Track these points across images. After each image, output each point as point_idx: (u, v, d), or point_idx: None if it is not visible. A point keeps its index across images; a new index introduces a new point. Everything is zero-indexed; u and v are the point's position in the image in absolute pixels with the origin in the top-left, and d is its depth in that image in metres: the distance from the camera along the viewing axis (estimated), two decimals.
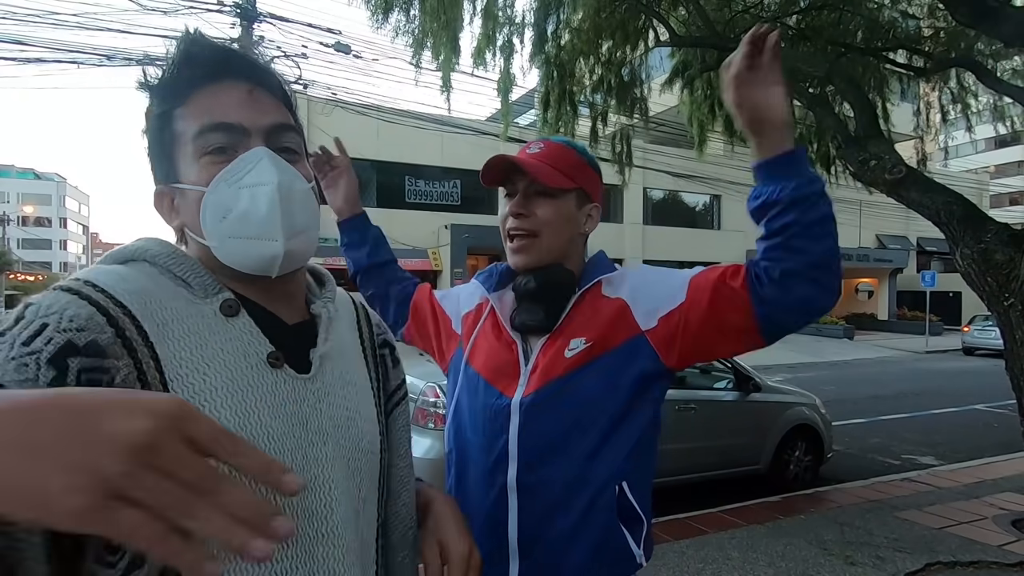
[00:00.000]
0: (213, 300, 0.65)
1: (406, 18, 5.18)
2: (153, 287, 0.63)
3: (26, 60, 8.65)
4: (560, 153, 1.10)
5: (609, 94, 6.05)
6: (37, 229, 69.08)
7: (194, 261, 0.68)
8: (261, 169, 0.66)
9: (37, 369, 0.50)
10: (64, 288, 0.58)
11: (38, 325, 0.53)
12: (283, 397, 0.66)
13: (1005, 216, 12.52)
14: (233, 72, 0.69)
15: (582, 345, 1.05)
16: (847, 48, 5.23)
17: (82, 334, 0.54)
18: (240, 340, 0.65)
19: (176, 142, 0.68)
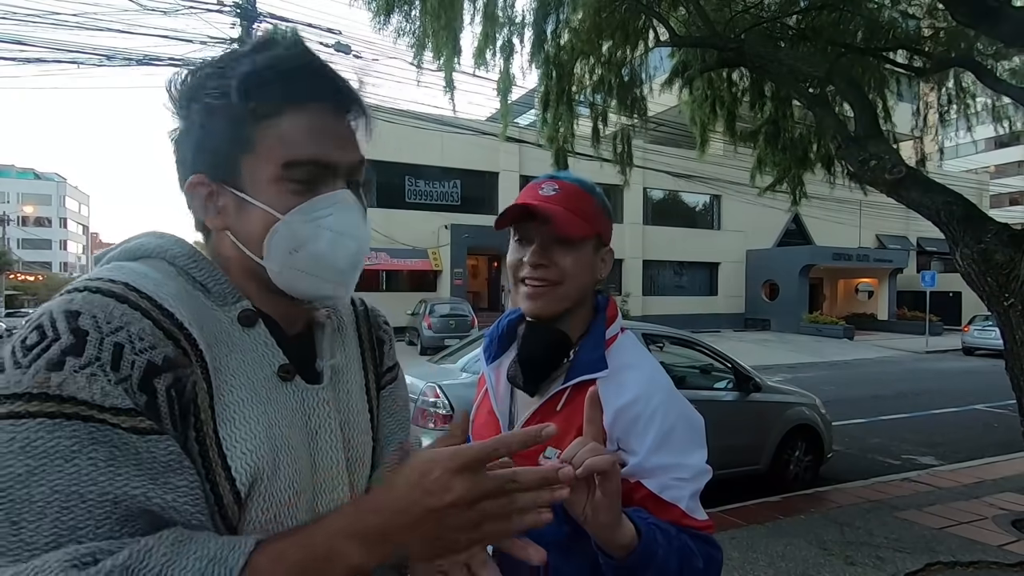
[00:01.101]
0: (231, 308, 0.65)
1: (407, 19, 5.19)
2: (180, 291, 0.62)
3: (26, 60, 8.65)
4: (577, 196, 1.04)
5: (609, 94, 6.05)
6: (37, 229, 69.10)
7: (214, 266, 0.67)
8: (347, 218, 0.66)
9: (133, 396, 0.53)
10: (109, 294, 0.56)
11: (112, 346, 0.53)
12: (295, 408, 0.66)
13: (1005, 216, 12.54)
14: (333, 96, 0.67)
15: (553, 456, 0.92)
16: (847, 48, 5.23)
17: (156, 352, 0.55)
18: (255, 351, 0.65)
19: (249, 149, 0.64)
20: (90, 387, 0.51)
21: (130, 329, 0.54)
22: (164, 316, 0.57)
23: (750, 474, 4.99)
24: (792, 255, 23.49)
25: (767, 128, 6.41)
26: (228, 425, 0.59)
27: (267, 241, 0.64)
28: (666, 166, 19.00)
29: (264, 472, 0.60)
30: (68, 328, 0.52)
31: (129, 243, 0.66)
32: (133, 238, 0.68)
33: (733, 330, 23.46)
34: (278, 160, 0.63)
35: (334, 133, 0.67)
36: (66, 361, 0.51)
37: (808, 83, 5.11)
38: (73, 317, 0.53)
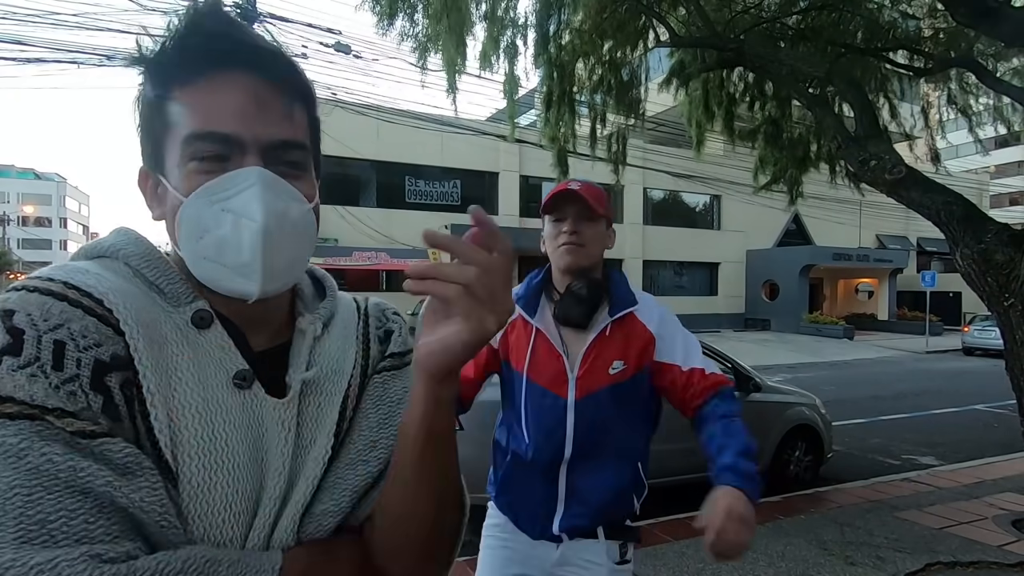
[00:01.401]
0: (185, 309, 0.60)
1: (411, 23, 5.19)
2: (129, 288, 0.58)
3: (26, 60, 8.65)
4: (595, 190, 1.51)
5: (609, 94, 6.05)
6: (37, 229, 69.10)
7: (169, 265, 0.62)
8: (250, 198, 0.58)
9: (86, 397, 0.50)
10: (44, 291, 0.52)
11: (51, 343, 0.50)
12: (247, 422, 0.59)
13: (1005, 216, 12.54)
14: (244, 60, 0.60)
15: (621, 366, 1.46)
16: (847, 48, 5.23)
17: (102, 349, 0.52)
18: (210, 355, 0.59)
19: (166, 131, 0.60)
20: (30, 387, 0.48)
21: (71, 326, 0.51)
22: (107, 312, 0.53)
23: None
24: (792, 255, 23.48)
25: (767, 128, 6.41)
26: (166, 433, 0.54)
27: (176, 227, 0.59)
28: (666, 166, 19.00)
29: (188, 486, 0.54)
30: (3, 327, 0.49)
31: (89, 243, 0.63)
32: (99, 238, 0.65)
33: (733, 330, 23.46)
34: (181, 136, 0.58)
35: (243, 103, 0.59)
36: (2, 360, 0.48)
37: (808, 83, 5.11)
38: (7, 316, 0.50)
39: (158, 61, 0.59)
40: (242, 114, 0.59)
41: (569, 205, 1.49)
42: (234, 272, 0.59)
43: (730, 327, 23.88)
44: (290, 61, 0.63)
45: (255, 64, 0.60)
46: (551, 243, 1.54)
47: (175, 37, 0.58)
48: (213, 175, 0.58)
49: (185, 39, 0.58)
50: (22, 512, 0.45)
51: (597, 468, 1.47)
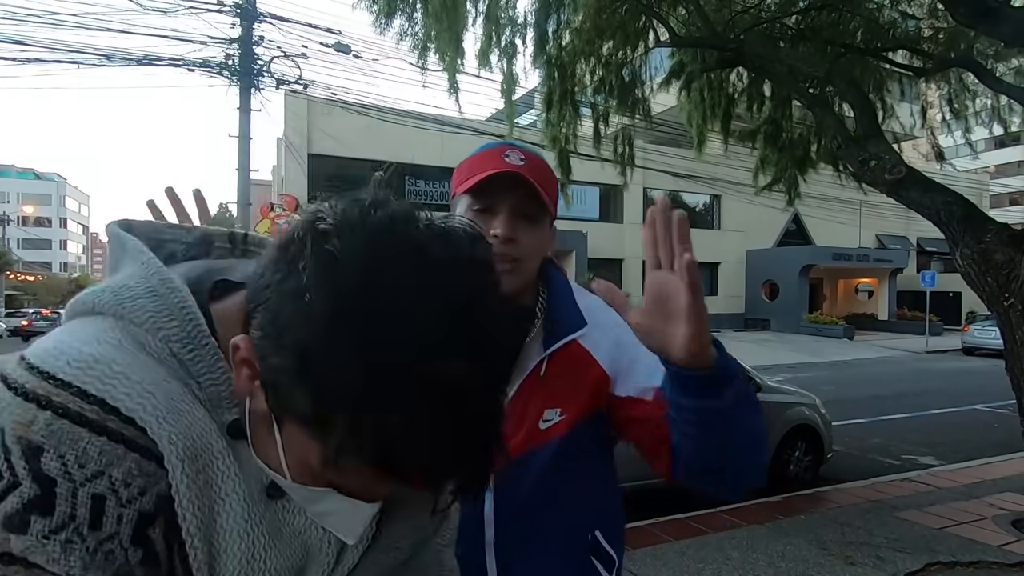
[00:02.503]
0: (221, 413, 0.51)
1: (409, 22, 5.19)
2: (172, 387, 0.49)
3: (26, 60, 8.66)
4: (543, 170, 1.02)
5: (610, 95, 6.05)
6: (37, 229, 69.13)
7: (216, 358, 0.51)
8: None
9: (125, 554, 0.44)
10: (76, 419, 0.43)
11: (88, 499, 0.42)
12: (284, 528, 0.55)
13: (1005, 216, 12.53)
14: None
15: (556, 417, 1.00)
16: (847, 48, 5.23)
17: (147, 498, 0.45)
18: (246, 467, 0.52)
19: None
20: (66, 559, 0.41)
21: (111, 474, 0.43)
22: (151, 442, 0.45)
23: None
24: (792, 255, 23.49)
25: (767, 128, 6.41)
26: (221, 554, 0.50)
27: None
28: (666, 166, 19.00)
29: None
30: (28, 470, 0.41)
31: (120, 288, 0.52)
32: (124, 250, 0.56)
33: (733, 330, 23.46)
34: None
35: None
36: (31, 522, 0.40)
37: (808, 83, 5.12)
38: (34, 455, 0.41)
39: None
40: None
41: (506, 192, 0.97)
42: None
43: (730, 327, 23.88)
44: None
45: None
46: None
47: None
48: None
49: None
50: None
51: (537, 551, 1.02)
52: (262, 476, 0.53)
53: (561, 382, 1.00)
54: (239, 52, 10.19)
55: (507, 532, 1.00)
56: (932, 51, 5.47)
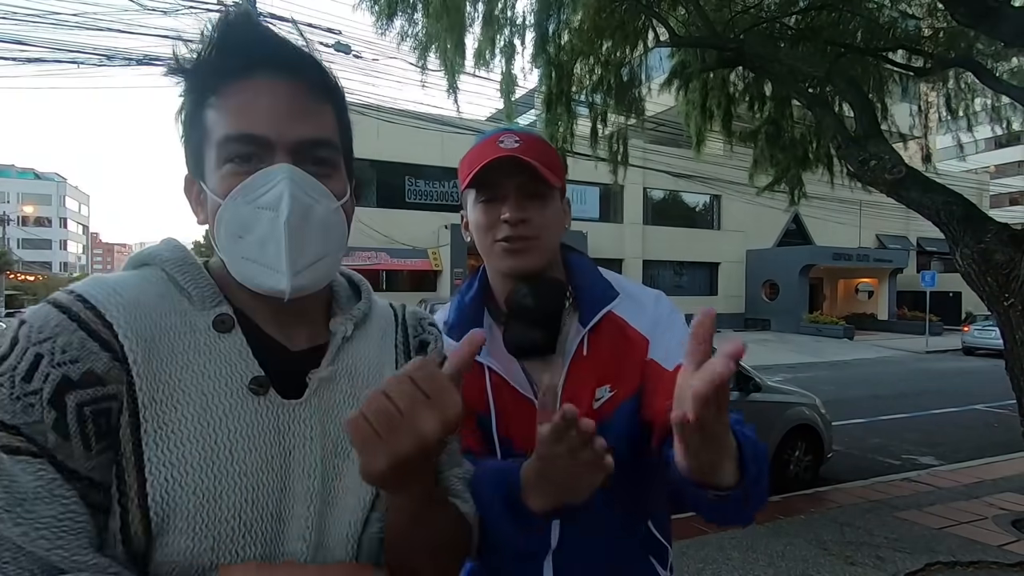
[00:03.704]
0: (208, 312, 0.62)
1: (410, 23, 5.19)
2: (151, 297, 0.60)
3: (26, 60, 8.65)
4: (543, 147, 1.02)
5: (608, 94, 6.05)
6: (37, 229, 69.13)
7: (199, 269, 0.65)
8: (277, 193, 0.60)
9: (41, 411, 0.52)
10: (55, 304, 0.56)
11: (32, 356, 0.52)
12: (264, 427, 0.60)
13: (1005, 216, 12.53)
14: (271, 65, 0.62)
15: (607, 394, 0.99)
16: (847, 48, 5.23)
17: (76, 366, 0.53)
18: (227, 361, 0.61)
19: (204, 138, 0.63)
20: None
21: (56, 340, 0.53)
22: (104, 327, 0.56)
23: None
24: (792, 255, 23.49)
25: (767, 128, 6.41)
26: (159, 447, 0.55)
27: (215, 229, 0.62)
28: (666, 166, 18.99)
29: (190, 499, 0.55)
30: (11, 337, 0.53)
31: (137, 252, 0.67)
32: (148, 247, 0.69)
33: (733, 330, 23.45)
34: (216, 140, 0.61)
35: (272, 105, 0.61)
36: None
37: (808, 83, 5.11)
38: (19, 326, 0.54)
39: (195, 70, 0.62)
40: (271, 116, 0.61)
41: (509, 177, 0.98)
42: (267, 268, 0.61)
43: (730, 327, 23.87)
44: (317, 63, 0.65)
45: (283, 67, 0.62)
46: (483, 236, 1.02)
47: (209, 46, 0.61)
48: (245, 176, 0.60)
49: (218, 47, 0.61)
50: None
51: (595, 547, 0.98)
52: (247, 373, 0.61)
53: (606, 356, 1.00)
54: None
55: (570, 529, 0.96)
56: (932, 51, 5.47)
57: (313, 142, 0.63)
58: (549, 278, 1.03)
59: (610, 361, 1.01)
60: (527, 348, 1.01)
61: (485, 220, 1.01)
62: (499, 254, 1.01)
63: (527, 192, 0.99)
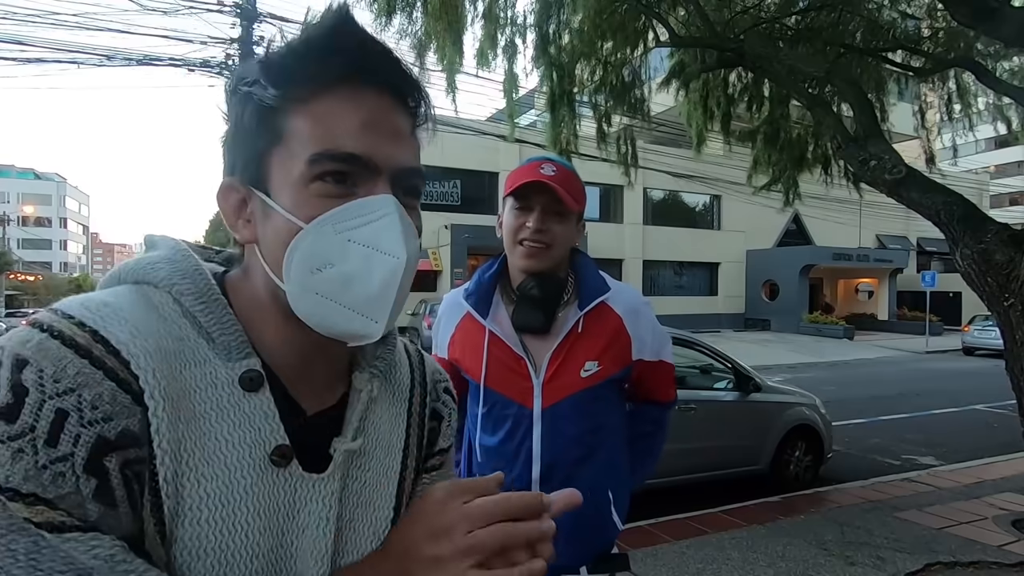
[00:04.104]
0: (234, 365, 0.52)
1: (409, 21, 5.19)
2: (170, 342, 0.50)
3: (26, 60, 8.66)
4: (571, 179, 1.31)
5: (610, 95, 6.05)
6: (37, 229, 69.14)
7: (223, 307, 0.54)
8: (386, 229, 0.52)
9: (76, 480, 0.43)
10: (66, 340, 0.45)
11: (53, 413, 0.43)
12: (279, 502, 0.53)
13: (1005, 216, 12.54)
14: (379, 77, 0.54)
15: (595, 368, 1.31)
16: (846, 48, 5.23)
17: (111, 424, 0.45)
18: (251, 425, 0.52)
19: (279, 145, 0.53)
20: (11, 466, 0.41)
21: (82, 393, 0.44)
22: (132, 377, 0.46)
23: (750, 474, 4.99)
24: (792, 255, 23.49)
25: (766, 128, 6.41)
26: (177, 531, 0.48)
27: (286, 256, 0.52)
28: (666, 166, 18.99)
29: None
30: (9, 381, 0.43)
31: (143, 257, 0.56)
32: (156, 244, 0.58)
33: (733, 330, 23.46)
34: (305, 154, 0.51)
35: (380, 124, 0.53)
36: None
37: (808, 83, 5.11)
38: (19, 367, 0.43)
39: (284, 65, 0.52)
40: (378, 133, 0.53)
41: (537, 195, 1.29)
42: (355, 312, 0.52)
43: (730, 327, 23.88)
44: (420, 83, 0.57)
45: (390, 82, 0.55)
46: (511, 235, 1.33)
47: (305, 40, 0.52)
48: (338, 201, 0.52)
49: (317, 43, 0.52)
50: None
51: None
52: (270, 440, 0.52)
53: (597, 337, 1.33)
54: (239, 52, 10.20)
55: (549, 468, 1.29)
56: (932, 51, 5.47)
57: (413, 171, 0.56)
58: (553, 276, 1.34)
59: (600, 342, 1.32)
60: (529, 326, 1.32)
61: (514, 223, 1.32)
62: (520, 253, 1.32)
63: (550, 210, 1.29)
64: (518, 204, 1.31)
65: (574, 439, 1.30)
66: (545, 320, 1.31)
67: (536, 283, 1.31)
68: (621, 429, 1.40)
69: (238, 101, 0.54)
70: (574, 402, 1.30)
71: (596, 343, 1.32)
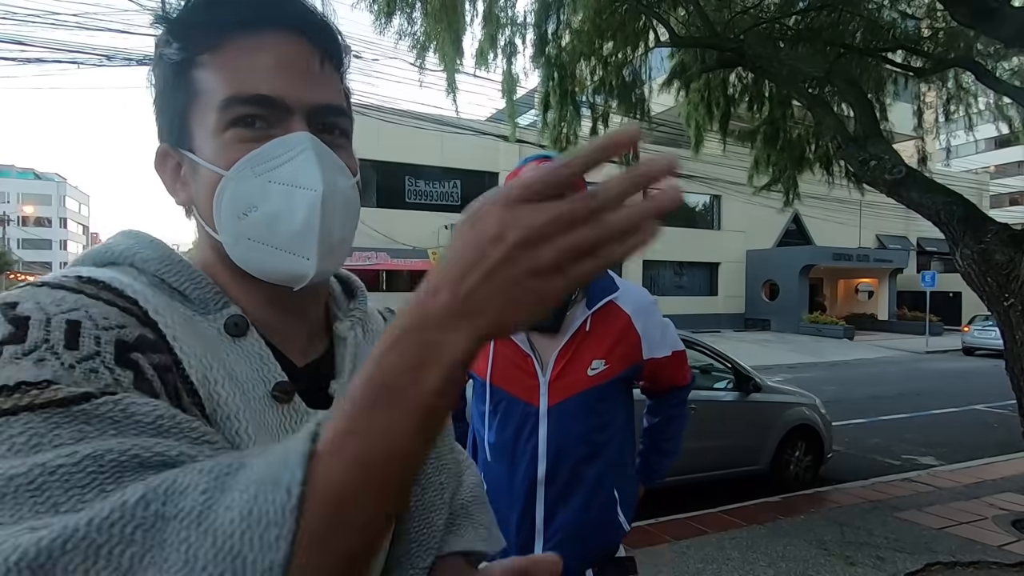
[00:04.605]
0: (216, 316, 0.52)
1: (409, 22, 5.19)
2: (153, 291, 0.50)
3: (26, 60, 8.65)
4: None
5: (610, 95, 6.05)
6: (37, 229, 69.13)
7: (192, 268, 0.54)
8: (303, 165, 0.51)
9: (111, 374, 0.40)
10: (54, 285, 0.44)
11: (63, 324, 0.41)
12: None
13: (1005, 216, 12.55)
14: (283, 19, 0.53)
15: (602, 367, 1.31)
16: (846, 48, 5.23)
17: (126, 330, 0.43)
18: (248, 365, 0.51)
19: (195, 100, 0.53)
20: (37, 370, 0.38)
21: (89, 310, 0.42)
22: (131, 304, 0.45)
23: (750, 474, 4.99)
24: (792, 255, 23.48)
25: (765, 128, 6.42)
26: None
27: (214, 206, 0.52)
28: None
29: None
30: (3, 318, 0.40)
31: (94, 248, 0.54)
32: (104, 243, 0.56)
33: (733, 330, 23.45)
34: (216, 102, 0.51)
35: (288, 65, 0.52)
36: (2, 351, 0.39)
37: (808, 83, 5.12)
38: (9, 307, 0.41)
39: (186, 19, 0.52)
40: (286, 72, 0.52)
41: None
42: (285, 252, 0.52)
43: (730, 327, 23.88)
44: (331, 23, 0.56)
45: (298, 24, 0.54)
46: None
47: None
48: (256, 144, 0.51)
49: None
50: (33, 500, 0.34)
51: (580, 490, 1.29)
52: (267, 379, 0.52)
53: (604, 336, 1.33)
54: None
55: (555, 467, 1.29)
56: (932, 51, 5.47)
57: (331, 108, 0.55)
58: None
59: (608, 341, 1.32)
60: (538, 324, 1.25)
61: None
62: None
63: None
64: None
65: (580, 437, 1.30)
66: (554, 318, 1.31)
67: None
68: (627, 428, 1.40)
69: (154, 65, 0.54)
70: (581, 400, 1.30)
71: (603, 342, 1.32)
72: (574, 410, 1.30)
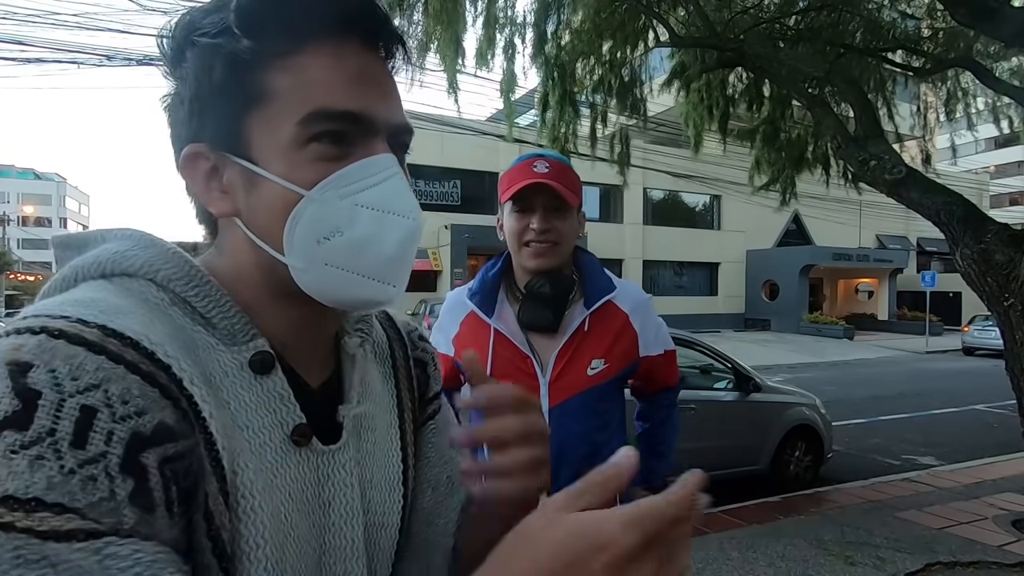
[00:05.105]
0: (242, 349, 0.48)
1: (408, 22, 5.19)
2: (174, 330, 0.45)
3: (26, 60, 8.65)
4: (566, 173, 1.32)
5: (609, 95, 6.05)
6: (37, 229, 69.11)
7: (220, 292, 0.48)
8: (394, 190, 0.49)
9: (110, 483, 0.36)
10: (73, 338, 0.38)
11: (77, 411, 0.36)
12: (307, 480, 0.50)
13: (1005, 216, 12.54)
14: (366, 29, 0.49)
15: (601, 366, 1.32)
16: (846, 48, 5.23)
17: (145, 419, 0.38)
18: (267, 407, 0.48)
19: (261, 104, 0.47)
20: (30, 475, 0.34)
21: (109, 388, 0.37)
22: (158, 369, 0.40)
23: (750, 474, 4.99)
24: (792, 255, 23.49)
25: (765, 128, 6.41)
26: (246, 517, 0.44)
27: (287, 228, 0.47)
28: (666, 166, 18.99)
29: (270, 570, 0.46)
30: (11, 388, 0.35)
31: (101, 250, 0.47)
32: (105, 238, 0.50)
33: (733, 330, 23.46)
34: (298, 113, 0.46)
35: (369, 79, 0.49)
36: (2, 434, 0.34)
37: (808, 83, 5.12)
38: (21, 372, 0.36)
39: (262, 13, 0.46)
40: (370, 90, 0.49)
41: (536, 195, 1.30)
42: (369, 279, 0.49)
43: (730, 327, 23.88)
44: (401, 33, 0.52)
45: (377, 36, 0.50)
46: (515, 238, 1.34)
47: None
48: (337, 163, 0.47)
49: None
50: None
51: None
52: (286, 421, 0.49)
53: (603, 335, 1.34)
54: None
55: (557, 470, 1.27)
56: (932, 51, 5.47)
57: (405, 128, 0.53)
58: (561, 274, 1.36)
59: (606, 340, 1.34)
60: (537, 324, 1.33)
61: (517, 226, 1.33)
62: (527, 254, 1.33)
63: (551, 208, 1.30)
64: (518, 207, 1.33)
65: (581, 437, 1.30)
66: (554, 318, 1.32)
67: (546, 281, 1.33)
68: (622, 426, 1.41)
69: (199, 55, 0.47)
70: (582, 400, 1.31)
71: (602, 341, 1.34)
72: (575, 410, 1.31)
